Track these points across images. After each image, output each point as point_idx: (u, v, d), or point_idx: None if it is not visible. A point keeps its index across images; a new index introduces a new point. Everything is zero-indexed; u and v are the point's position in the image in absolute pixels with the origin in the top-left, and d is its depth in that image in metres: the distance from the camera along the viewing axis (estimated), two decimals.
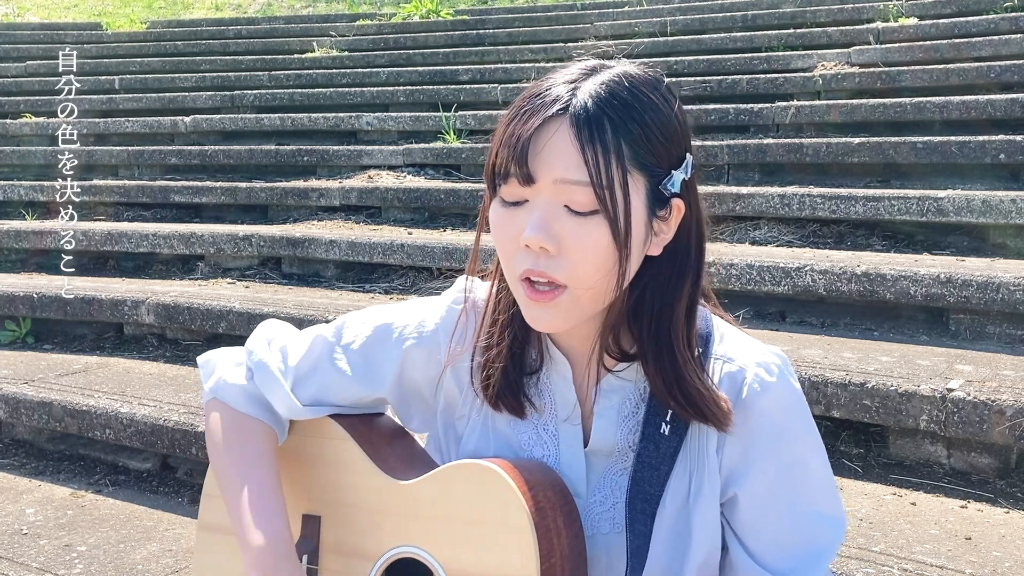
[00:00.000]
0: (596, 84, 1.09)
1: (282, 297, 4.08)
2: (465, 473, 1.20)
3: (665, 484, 1.19)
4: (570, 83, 1.10)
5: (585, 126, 1.06)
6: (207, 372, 1.38)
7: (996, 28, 5.82)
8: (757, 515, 1.19)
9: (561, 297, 1.10)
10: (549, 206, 1.08)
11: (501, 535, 1.15)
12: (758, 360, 1.20)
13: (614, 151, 1.06)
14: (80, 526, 2.78)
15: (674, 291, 1.17)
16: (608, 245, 1.08)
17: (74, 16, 12.86)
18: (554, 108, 1.07)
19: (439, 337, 1.29)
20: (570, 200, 1.07)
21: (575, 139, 1.06)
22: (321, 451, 1.36)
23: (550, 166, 1.07)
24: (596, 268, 1.09)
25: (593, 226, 1.07)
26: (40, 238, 5.11)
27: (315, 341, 1.35)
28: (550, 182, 1.07)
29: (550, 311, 1.12)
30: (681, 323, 1.17)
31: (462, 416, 1.31)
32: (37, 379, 3.55)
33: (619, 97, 1.09)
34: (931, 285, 3.06)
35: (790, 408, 1.20)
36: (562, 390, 1.25)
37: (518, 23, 8.59)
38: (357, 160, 5.90)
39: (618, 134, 1.07)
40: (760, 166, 4.77)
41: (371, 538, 1.28)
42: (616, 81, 1.10)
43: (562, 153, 1.06)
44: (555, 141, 1.07)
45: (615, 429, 1.23)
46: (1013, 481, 2.46)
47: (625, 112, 1.08)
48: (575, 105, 1.07)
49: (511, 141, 1.08)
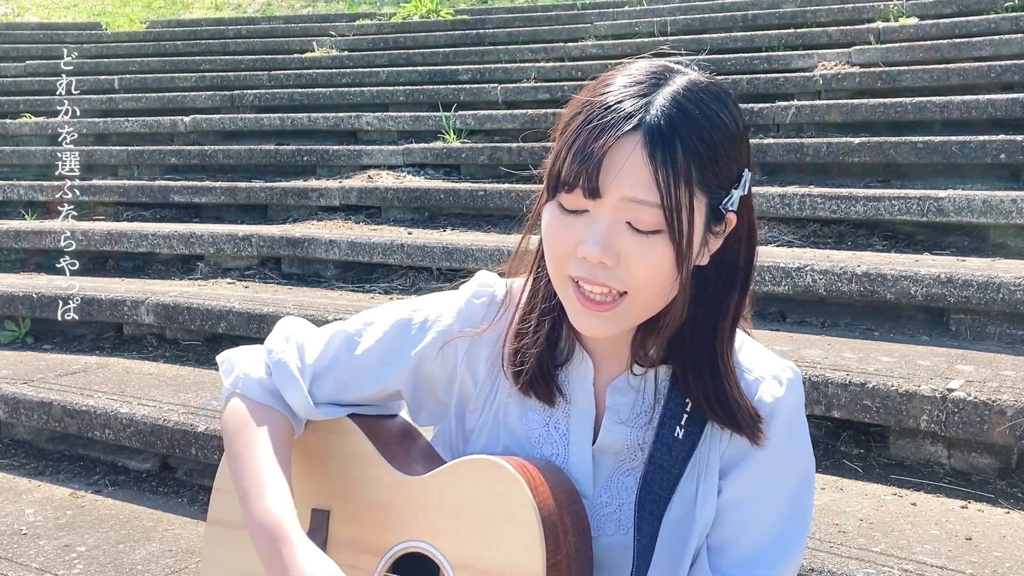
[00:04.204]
0: (668, 99, 1.07)
1: (282, 297, 4.08)
2: (474, 468, 1.21)
3: (675, 487, 1.20)
4: (641, 96, 1.08)
5: (659, 146, 1.05)
6: (227, 369, 1.39)
7: (997, 28, 5.81)
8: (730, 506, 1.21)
9: (619, 306, 1.11)
10: (612, 222, 1.07)
11: (508, 530, 1.16)
12: (772, 372, 1.22)
13: (683, 173, 1.05)
14: (80, 526, 2.77)
15: (721, 302, 1.17)
16: (669, 265, 1.08)
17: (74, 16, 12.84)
18: (628, 125, 1.05)
19: (455, 331, 1.29)
20: (634, 218, 1.07)
21: (647, 159, 1.05)
22: (332, 446, 1.37)
23: (619, 183, 1.06)
24: (655, 284, 1.09)
25: (656, 245, 1.07)
26: (39, 238, 5.10)
27: (333, 337, 1.36)
28: (617, 199, 1.06)
29: (602, 319, 1.12)
30: (726, 335, 1.17)
31: (474, 410, 1.32)
32: (37, 379, 3.55)
33: (691, 116, 1.07)
34: (931, 285, 3.06)
35: (792, 421, 1.22)
36: (580, 387, 1.25)
37: (518, 23, 8.58)
38: (357, 160, 5.90)
39: (688, 155, 1.06)
40: (760, 166, 4.76)
41: (379, 532, 1.28)
42: (687, 96, 1.08)
43: (631, 172, 1.05)
44: (626, 159, 1.05)
45: (626, 429, 1.23)
46: (1013, 481, 2.46)
47: (696, 133, 1.07)
48: (648, 123, 1.05)
49: (583, 157, 1.06)
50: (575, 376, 1.25)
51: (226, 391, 1.38)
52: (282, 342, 1.37)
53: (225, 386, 1.38)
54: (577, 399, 1.26)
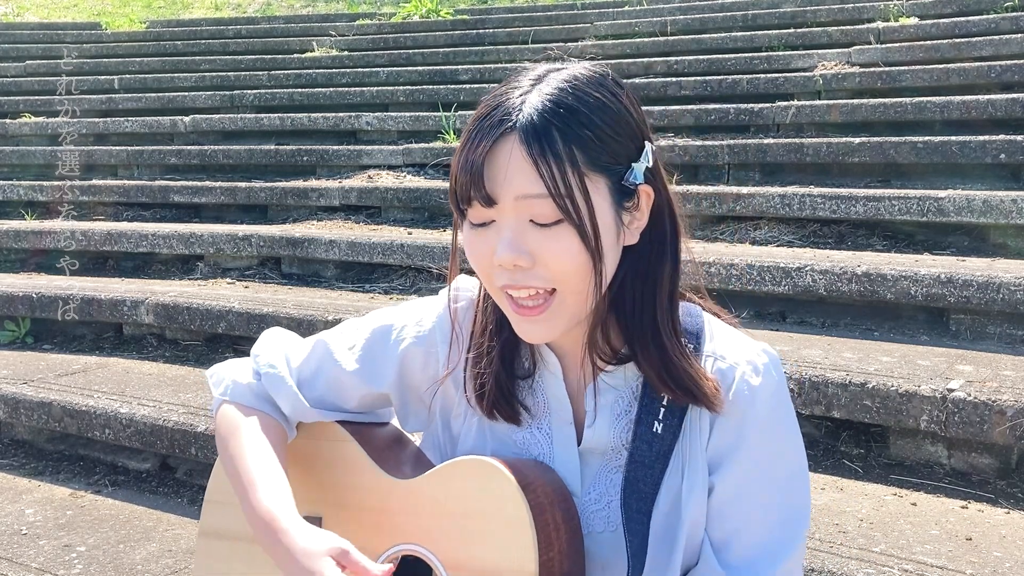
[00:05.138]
0: (540, 95, 1.10)
1: (282, 297, 4.08)
2: (464, 469, 1.21)
3: (660, 483, 1.20)
4: (519, 97, 1.11)
5: (534, 140, 1.07)
6: (217, 380, 1.41)
7: (997, 28, 5.82)
8: (727, 501, 1.20)
9: (551, 305, 1.12)
10: (515, 223, 1.10)
11: (500, 529, 1.16)
12: (748, 358, 1.22)
13: (567, 159, 1.07)
14: (79, 526, 2.77)
15: (655, 275, 1.18)
16: (580, 250, 1.09)
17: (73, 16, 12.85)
18: (501, 128, 1.09)
19: (435, 336, 1.31)
20: (534, 214, 1.09)
21: (527, 154, 1.07)
22: (323, 452, 1.37)
23: (508, 185, 1.08)
24: (574, 273, 1.11)
25: (562, 234, 1.09)
26: (39, 238, 5.10)
27: (317, 345, 1.38)
28: (511, 200, 1.09)
29: (541, 323, 1.14)
30: (664, 307, 1.19)
31: (458, 415, 1.33)
32: (36, 379, 3.55)
33: (564, 104, 1.09)
34: (931, 285, 3.06)
35: (775, 407, 1.22)
36: (554, 390, 1.26)
37: (518, 23, 8.58)
38: (357, 160, 5.90)
39: (568, 141, 1.08)
40: (760, 166, 4.76)
41: (372, 537, 1.28)
42: (560, 88, 1.11)
43: (517, 170, 1.08)
44: (508, 160, 1.08)
45: (608, 428, 1.24)
46: (1014, 481, 2.46)
47: (572, 118, 1.09)
48: (521, 121, 1.08)
49: (467, 167, 1.10)
50: (547, 379, 1.26)
51: (216, 400, 1.40)
52: (268, 350, 1.40)
53: (215, 396, 1.40)
54: (554, 405, 1.26)
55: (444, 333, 1.31)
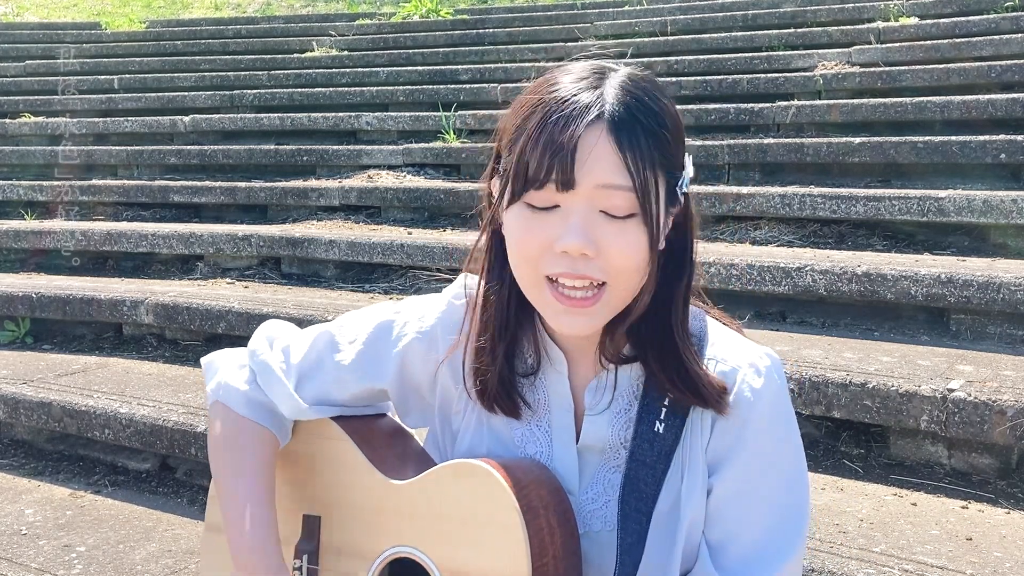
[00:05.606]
0: (619, 89, 1.10)
1: (281, 297, 4.08)
2: (458, 472, 1.21)
3: (662, 483, 1.20)
4: (592, 88, 1.10)
5: (624, 132, 1.08)
6: (210, 374, 1.40)
7: (997, 28, 5.81)
8: (725, 503, 1.20)
9: (601, 299, 1.12)
10: (586, 211, 1.09)
11: (492, 534, 1.16)
12: (750, 361, 1.22)
13: (648, 155, 1.08)
14: (79, 526, 2.77)
15: (676, 280, 1.19)
16: (644, 248, 1.10)
17: (73, 15, 12.85)
18: (591, 115, 1.08)
19: (437, 332, 1.31)
20: (608, 205, 1.09)
21: (615, 145, 1.07)
22: (320, 452, 1.36)
23: (591, 172, 1.07)
24: (633, 269, 1.11)
25: (631, 229, 1.09)
26: (39, 238, 5.10)
27: (317, 339, 1.36)
28: (590, 187, 1.08)
29: (585, 315, 1.13)
30: (680, 309, 1.20)
31: (458, 411, 1.32)
32: (36, 379, 3.55)
33: (643, 102, 1.11)
34: (932, 285, 3.06)
35: (776, 410, 1.22)
36: (558, 387, 1.26)
37: (518, 22, 8.58)
38: (357, 160, 5.90)
39: (649, 138, 1.09)
40: (760, 166, 4.76)
41: (368, 538, 1.28)
42: (634, 85, 1.12)
43: (601, 159, 1.07)
44: (594, 147, 1.08)
45: (607, 426, 1.24)
46: (1014, 481, 2.46)
47: (652, 117, 1.10)
48: (609, 111, 1.08)
49: (552, 148, 1.08)
50: (551, 376, 1.26)
51: (209, 397, 1.39)
52: (265, 345, 1.38)
53: (208, 390, 1.39)
54: (556, 401, 1.26)
55: (446, 328, 1.30)
